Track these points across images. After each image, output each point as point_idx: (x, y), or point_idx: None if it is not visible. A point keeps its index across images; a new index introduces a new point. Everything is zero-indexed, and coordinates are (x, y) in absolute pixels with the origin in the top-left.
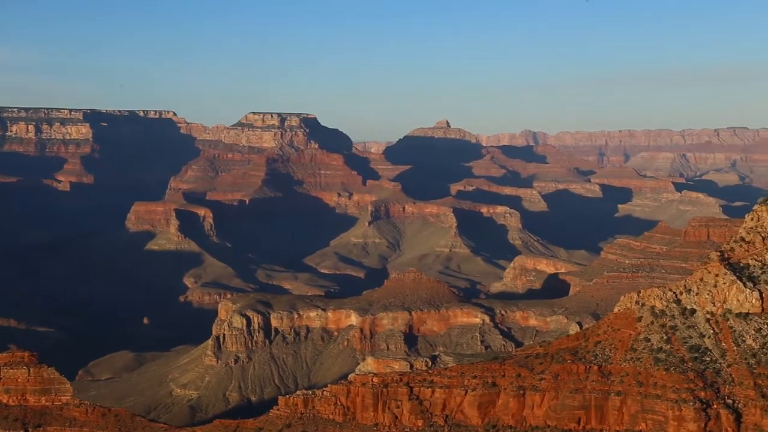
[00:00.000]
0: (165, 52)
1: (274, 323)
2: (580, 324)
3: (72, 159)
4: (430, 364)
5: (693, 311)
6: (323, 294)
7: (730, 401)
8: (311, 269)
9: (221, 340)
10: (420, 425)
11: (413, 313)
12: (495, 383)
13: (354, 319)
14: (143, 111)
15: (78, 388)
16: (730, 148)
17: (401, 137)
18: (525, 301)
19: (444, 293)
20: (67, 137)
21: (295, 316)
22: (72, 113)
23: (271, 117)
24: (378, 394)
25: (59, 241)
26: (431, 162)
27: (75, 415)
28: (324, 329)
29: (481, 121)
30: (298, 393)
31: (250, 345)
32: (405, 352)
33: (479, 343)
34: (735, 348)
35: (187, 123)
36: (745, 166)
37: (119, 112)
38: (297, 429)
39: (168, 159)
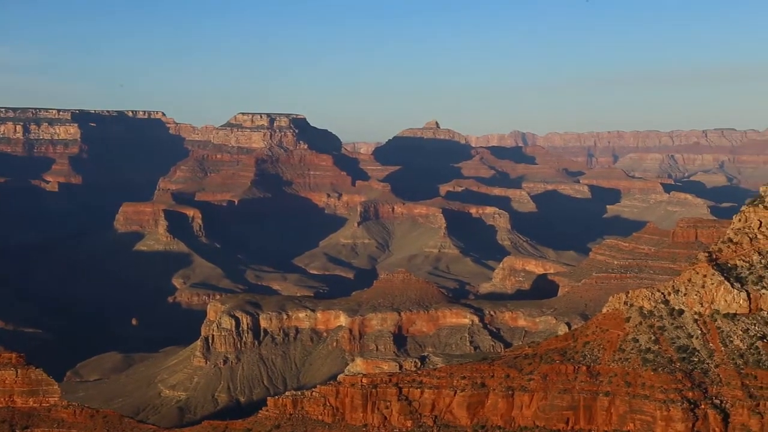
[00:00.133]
0: (154, 52)
1: (263, 324)
2: (568, 324)
3: (60, 159)
4: (419, 364)
5: (681, 312)
6: (312, 295)
7: (717, 401)
8: (300, 270)
9: (210, 340)
10: (409, 426)
11: (402, 314)
12: (484, 384)
13: (343, 320)
14: (132, 111)
15: (66, 389)
16: (718, 149)
17: (390, 138)
18: (514, 302)
19: (433, 294)
20: (56, 137)
21: (284, 316)
22: (60, 113)
23: (261, 117)
24: (367, 394)
25: (47, 242)
26: (420, 163)
27: (63, 417)
28: (313, 330)
29: (471, 122)
30: (287, 394)
31: (239, 346)
32: (394, 352)
33: (468, 344)
34: (722, 348)
35: (176, 123)
36: (733, 167)
37: (108, 112)
38: (286, 430)
39: (157, 159)
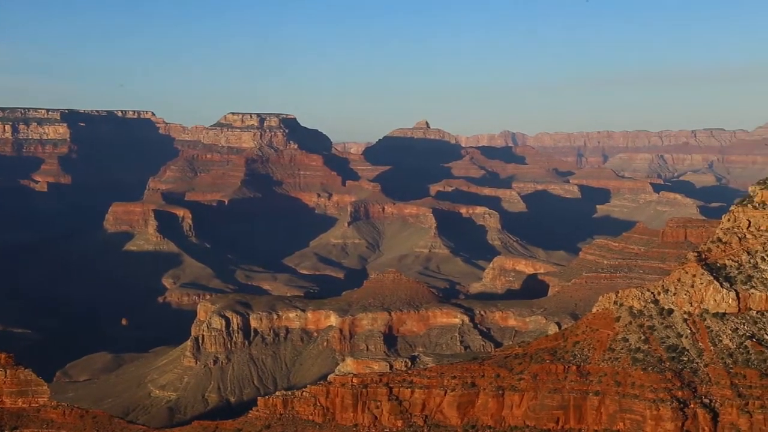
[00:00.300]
0: (144, 52)
1: (253, 324)
2: (558, 324)
3: (49, 159)
4: (409, 364)
5: (670, 311)
6: (303, 295)
7: (707, 401)
8: (291, 270)
9: (200, 341)
10: (399, 426)
11: (393, 314)
12: (474, 383)
13: (333, 320)
14: (121, 111)
15: (55, 389)
16: (707, 149)
17: (381, 138)
18: (504, 302)
19: (423, 294)
20: (45, 137)
21: (275, 316)
22: (49, 113)
23: (251, 117)
24: (357, 394)
25: (36, 242)
26: (411, 163)
27: (52, 417)
28: (303, 330)
29: (461, 122)
30: (277, 394)
31: (229, 346)
32: (384, 352)
33: (458, 344)
34: (712, 348)
35: (166, 123)
36: (722, 167)
37: (97, 112)
38: (276, 430)
39: (146, 159)
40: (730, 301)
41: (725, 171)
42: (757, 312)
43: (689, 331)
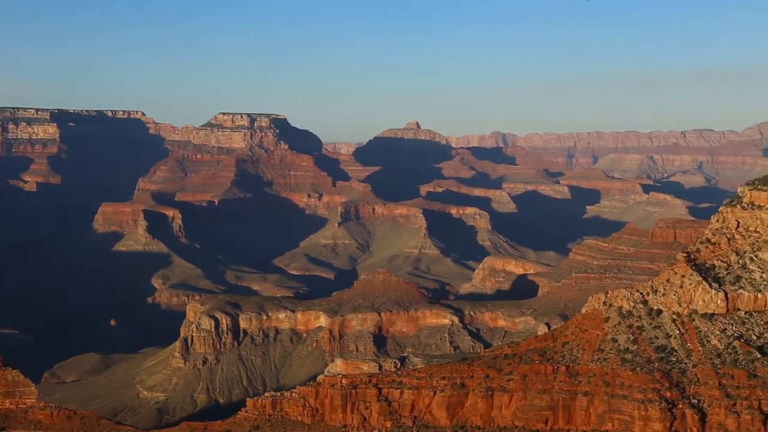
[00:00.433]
0: (134, 51)
1: (242, 325)
2: (548, 325)
3: (39, 159)
4: (399, 365)
5: (659, 312)
6: (292, 295)
7: (695, 401)
8: (280, 270)
9: (189, 341)
10: (388, 426)
11: (382, 315)
12: (463, 384)
13: (323, 321)
14: (111, 111)
15: (43, 390)
16: (696, 150)
17: (371, 138)
18: (494, 302)
19: (413, 294)
20: (34, 137)
21: (264, 317)
22: (39, 113)
23: (241, 118)
24: (347, 395)
25: (25, 242)
26: (401, 163)
27: (40, 418)
28: (293, 330)
29: (451, 123)
30: (266, 395)
31: (218, 346)
32: (374, 353)
33: (448, 344)
34: (700, 348)
35: (156, 123)
36: (711, 168)
37: (87, 112)
38: (265, 431)
39: (136, 159)
40: (718, 302)
41: (714, 172)
42: (746, 312)
43: (678, 332)
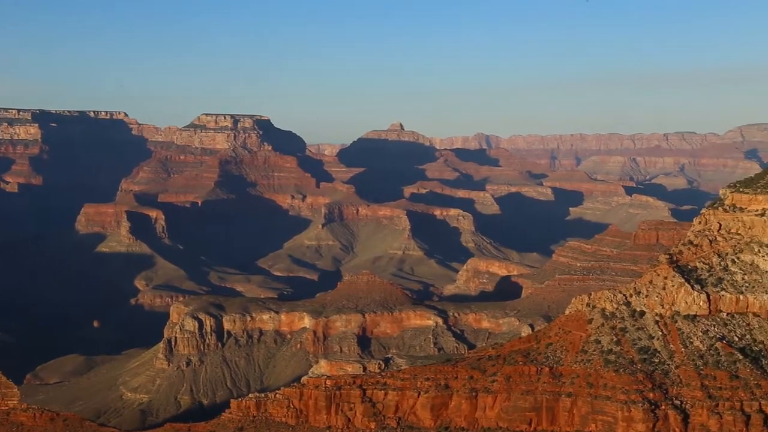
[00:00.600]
0: (117, 52)
1: (226, 326)
2: (531, 326)
3: (20, 160)
4: (383, 366)
5: (642, 313)
6: (276, 296)
7: (677, 402)
8: (264, 271)
9: (173, 343)
10: (373, 427)
11: (366, 316)
12: (447, 385)
13: (307, 322)
14: (94, 112)
15: (25, 392)
16: (678, 152)
17: (355, 140)
18: (477, 304)
19: (397, 295)
20: (16, 138)
21: (248, 318)
22: (20, 113)
23: (224, 118)
24: (331, 396)
25: (7, 243)
26: (385, 165)
27: (22, 420)
28: (277, 332)
29: (435, 124)
30: (250, 396)
31: (202, 348)
32: (358, 354)
33: (432, 345)
34: (683, 349)
35: (139, 124)
36: (693, 170)
37: (69, 112)
38: None
39: (119, 160)
40: (701, 303)
41: (696, 174)
42: (728, 314)
43: (661, 333)
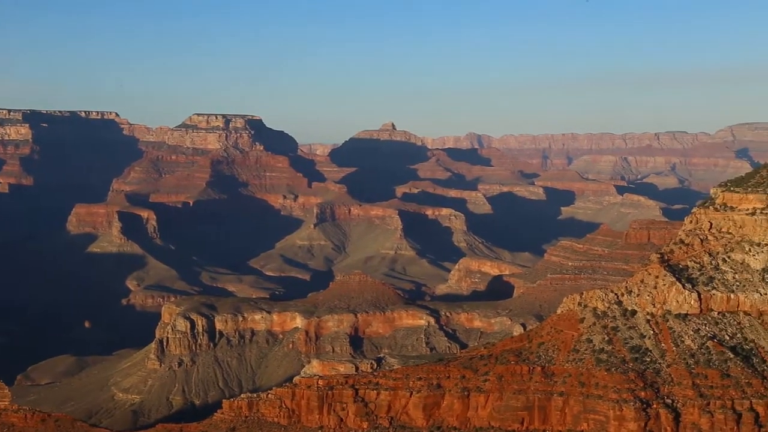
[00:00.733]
0: (108, 52)
1: (218, 326)
2: (523, 325)
3: (11, 160)
4: (375, 366)
5: (634, 312)
6: (268, 296)
7: (669, 401)
8: (256, 271)
9: (164, 343)
10: (365, 427)
11: (358, 316)
12: (440, 385)
13: (299, 322)
14: (85, 112)
15: (17, 393)
16: (669, 151)
17: (347, 139)
18: (470, 303)
19: (389, 295)
20: (6, 138)
21: (240, 318)
22: (11, 113)
23: (216, 118)
24: (323, 396)
25: None
26: (377, 164)
27: (13, 421)
28: (269, 332)
29: (427, 124)
30: (242, 396)
31: (194, 348)
32: (350, 354)
33: (424, 345)
34: (674, 348)
35: (130, 124)
36: (685, 169)
37: (60, 112)
38: None
39: (110, 160)
40: (692, 302)
41: (687, 173)
42: (718, 313)
43: (652, 332)
